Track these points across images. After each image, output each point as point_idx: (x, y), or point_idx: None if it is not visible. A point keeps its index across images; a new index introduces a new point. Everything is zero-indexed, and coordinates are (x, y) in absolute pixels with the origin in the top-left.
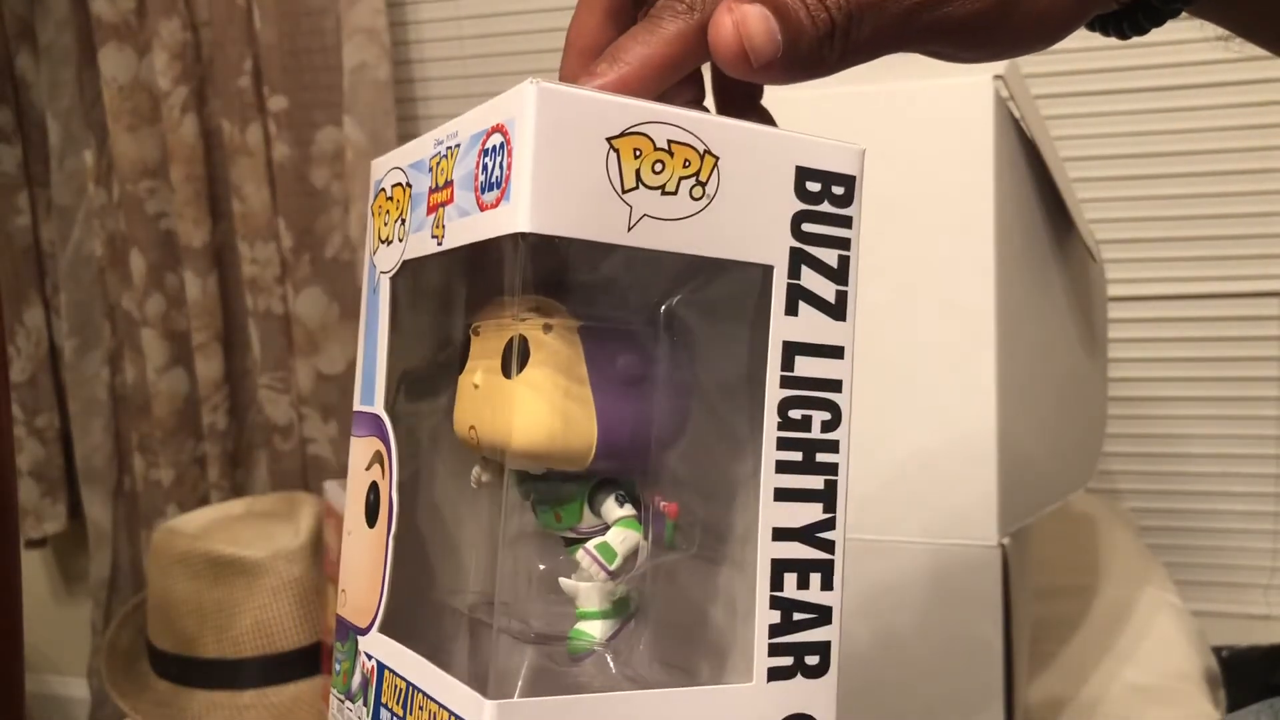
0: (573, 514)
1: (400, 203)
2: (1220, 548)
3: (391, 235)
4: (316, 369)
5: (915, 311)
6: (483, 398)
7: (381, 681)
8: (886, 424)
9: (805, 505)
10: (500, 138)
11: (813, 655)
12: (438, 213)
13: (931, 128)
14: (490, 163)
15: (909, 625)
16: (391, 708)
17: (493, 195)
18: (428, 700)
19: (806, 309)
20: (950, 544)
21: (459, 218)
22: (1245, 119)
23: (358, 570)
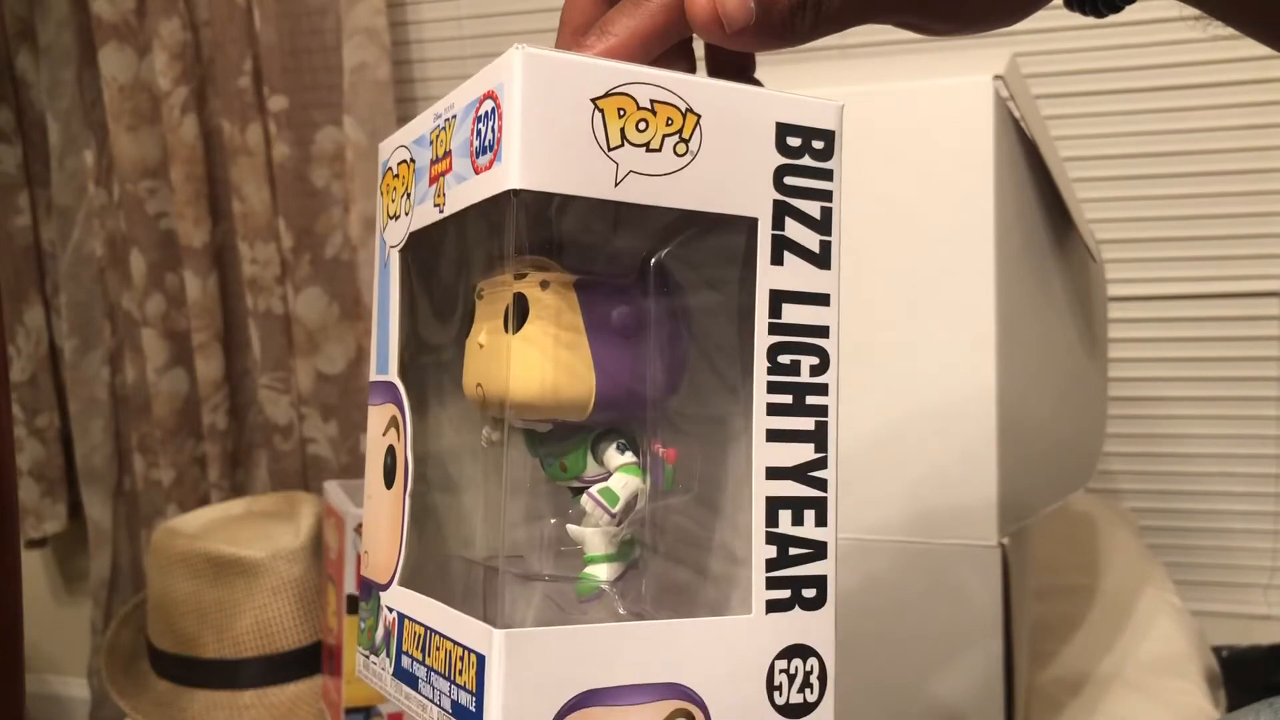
0: (577, 463)
1: (406, 179)
2: (1220, 548)
3: (399, 210)
4: (316, 369)
5: (915, 311)
6: (487, 356)
7: (402, 631)
8: (887, 424)
9: (797, 445)
10: (491, 103)
11: (809, 588)
12: (438, 182)
13: (931, 128)
14: (483, 128)
15: (909, 625)
16: (412, 654)
17: (486, 158)
18: (443, 640)
19: (792, 259)
20: (950, 544)
21: (457, 184)
22: (1245, 119)
23: (378, 531)
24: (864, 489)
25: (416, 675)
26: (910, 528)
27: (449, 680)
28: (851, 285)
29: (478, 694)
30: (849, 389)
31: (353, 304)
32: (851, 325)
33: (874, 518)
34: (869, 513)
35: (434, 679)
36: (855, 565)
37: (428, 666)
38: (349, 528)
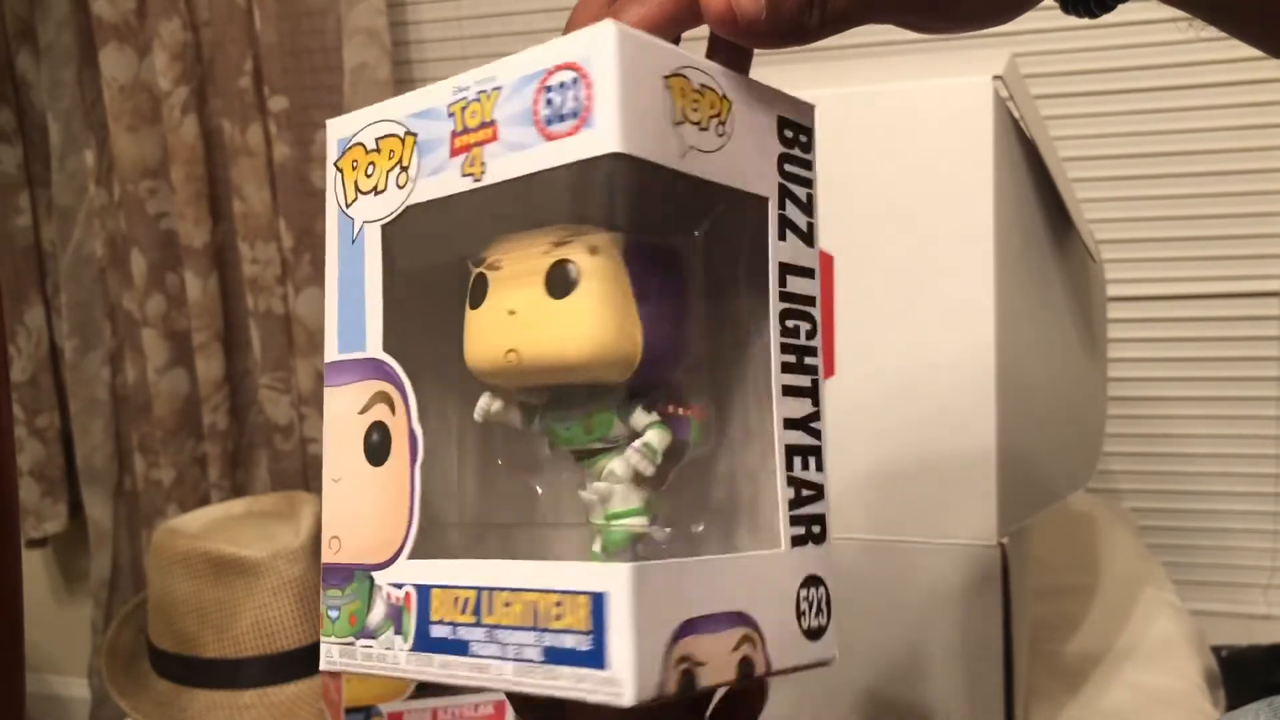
0: (605, 424)
1: (395, 153)
2: (1220, 547)
3: (382, 184)
4: (317, 369)
5: (915, 311)
6: (524, 322)
7: (427, 601)
8: (887, 424)
9: (801, 400)
10: (572, 74)
11: (816, 525)
12: (471, 152)
13: (931, 128)
14: (559, 97)
15: (909, 625)
16: (453, 620)
17: (565, 125)
18: (521, 594)
19: (790, 236)
20: (950, 544)
21: (508, 152)
22: (1245, 119)
23: (357, 513)
24: (864, 489)
25: (466, 639)
26: (910, 528)
27: (535, 630)
28: (851, 285)
29: (594, 632)
30: (849, 389)
31: None
32: (851, 324)
33: (874, 517)
34: (869, 513)
35: (503, 634)
36: (855, 565)
37: (489, 625)
38: None
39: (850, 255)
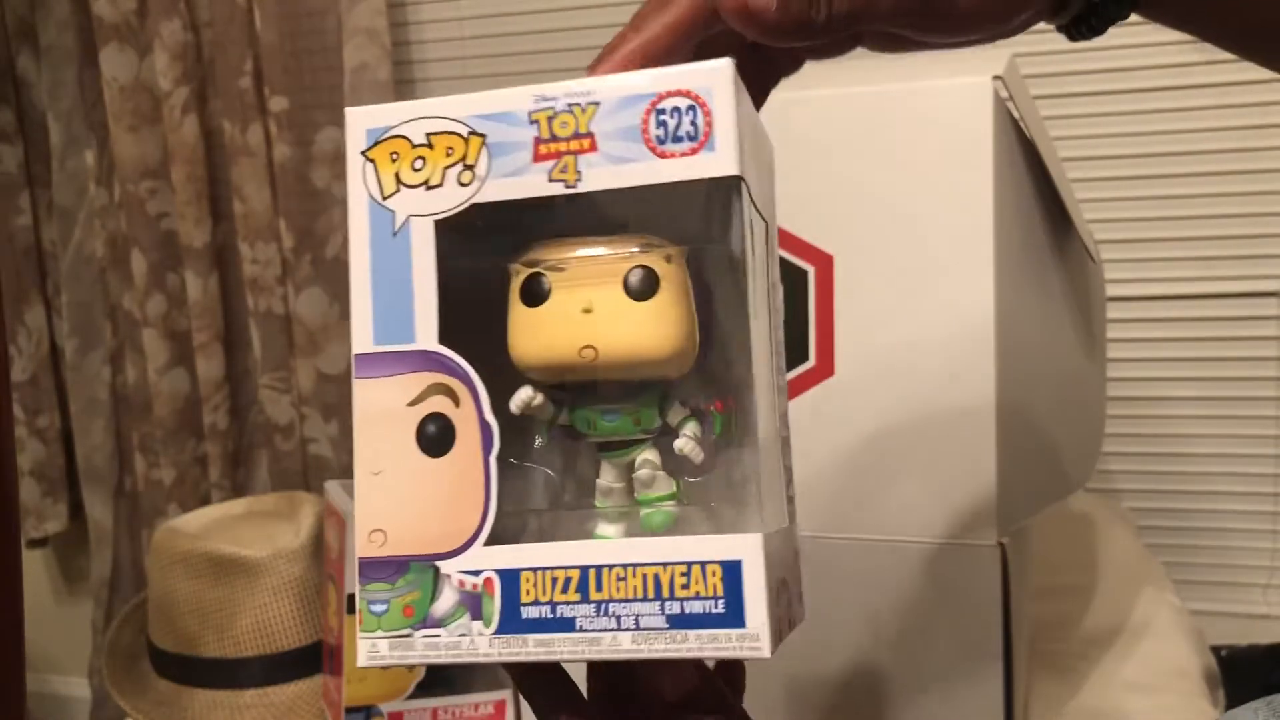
0: (650, 417)
1: (455, 150)
2: (1219, 547)
3: (437, 180)
4: (317, 369)
5: (915, 311)
6: (603, 320)
7: (516, 584)
8: (885, 423)
9: (783, 397)
10: (688, 101)
11: (792, 505)
12: (563, 160)
13: (931, 128)
14: (672, 120)
15: (909, 625)
16: (552, 600)
17: (682, 146)
18: (638, 569)
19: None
20: (950, 544)
21: (609, 164)
22: (1245, 119)
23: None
24: (863, 489)
25: (572, 615)
26: (909, 527)
27: (659, 599)
28: (851, 285)
29: (729, 597)
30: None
31: None
32: (851, 324)
33: (873, 517)
34: (868, 513)
35: (616, 607)
36: (855, 565)
37: (599, 601)
38: (349, 527)
39: (850, 255)
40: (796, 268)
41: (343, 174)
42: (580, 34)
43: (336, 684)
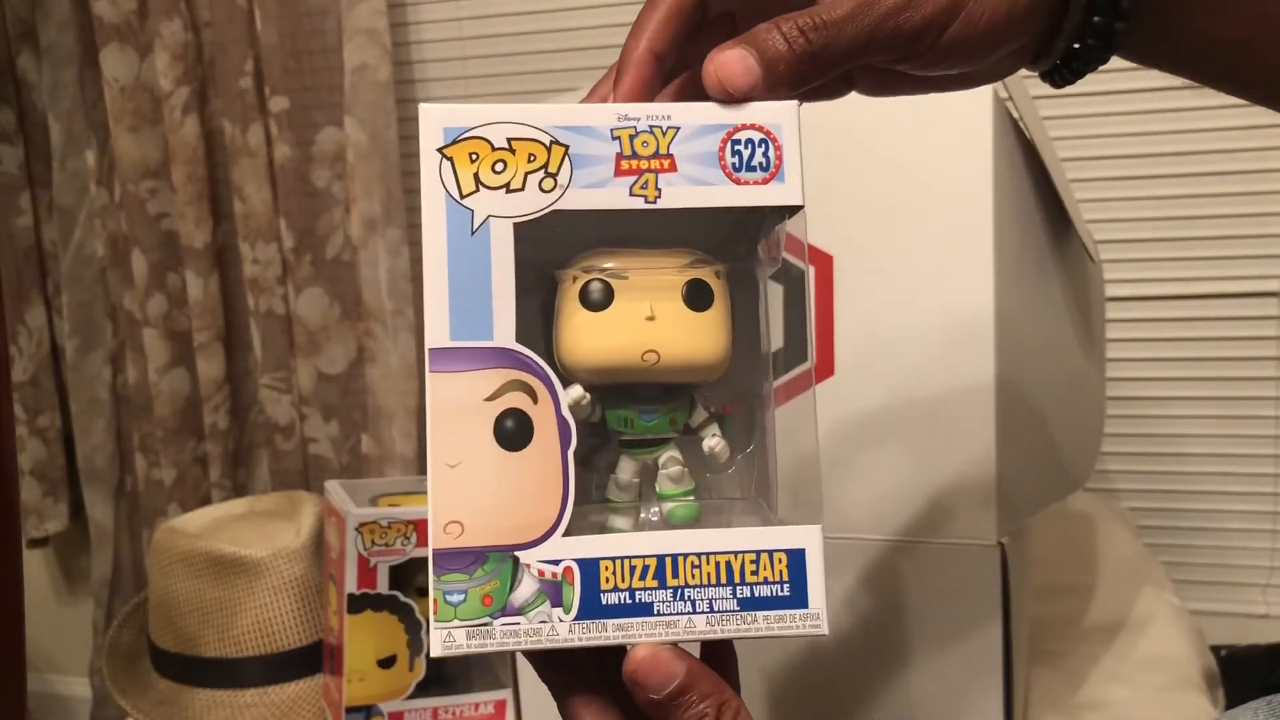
0: (682, 418)
1: (538, 157)
2: (1218, 547)
3: (518, 184)
4: (318, 369)
5: (915, 311)
6: (664, 327)
7: (595, 573)
8: (885, 423)
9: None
10: (760, 135)
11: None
12: (644, 176)
13: (931, 128)
14: (746, 150)
15: (909, 625)
16: (631, 586)
17: (757, 175)
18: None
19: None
20: (949, 543)
21: (688, 184)
22: (1244, 120)
23: (487, 497)
24: (863, 488)
25: (649, 601)
26: (909, 527)
27: (731, 584)
28: (851, 285)
29: (794, 581)
30: (849, 388)
31: (353, 304)
32: (851, 324)
33: (873, 517)
34: (868, 512)
35: (692, 592)
36: (854, 565)
37: (676, 587)
38: (350, 527)
39: (850, 255)
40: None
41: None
42: (580, 34)
43: (337, 684)
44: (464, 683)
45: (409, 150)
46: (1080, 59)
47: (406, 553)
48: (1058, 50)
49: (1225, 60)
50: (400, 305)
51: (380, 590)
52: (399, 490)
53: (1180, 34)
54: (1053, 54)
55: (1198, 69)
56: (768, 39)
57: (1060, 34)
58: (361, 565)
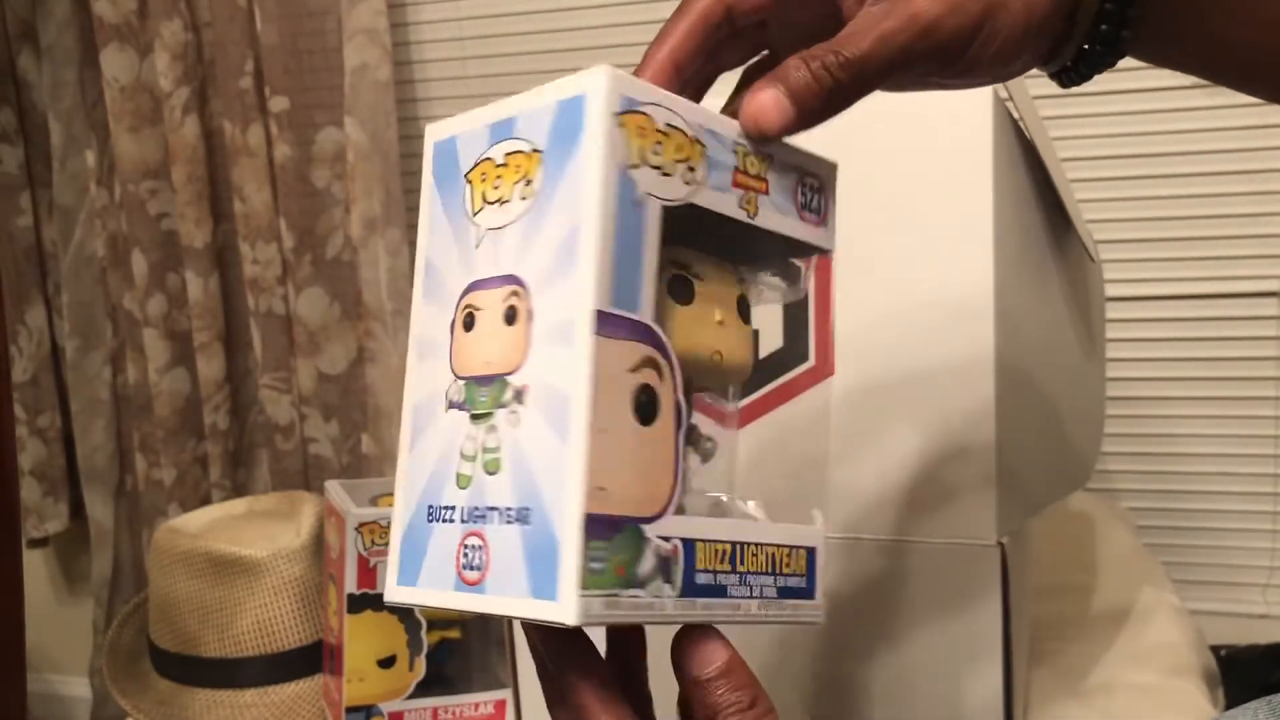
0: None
1: (683, 149)
2: (1218, 547)
3: (671, 170)
4: (318, 369)
5: (914, 311)
6: (727, 332)
7: (693, 553)
8: (885, 424)
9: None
10: (818, 183)
11: None
12: (748, 194)
13: (931, 128)
14: (809, 194)
15: (908, 625)
16: (714, 569)
17: (813, 217)
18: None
19: None
20: (949, 543)
21: (775, 211)
22: (1244, 119)
23: (624, 466)
24: (862, 488)
25: (725, 584)
26: (909, 527)
27: (774, 574)
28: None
29: (808, 575)
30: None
31: (353, 304)
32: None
33: (872, 517)
34: (867, 512)
35: (751, 579)
36: (853, 565)
37: (742, 572)
38: (350, 527)
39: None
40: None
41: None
42: (581, 34)
43: (337, 684)
44: (464, 683)
45: (409, 150)
46: (1088, 62)
47: None
48: (1068, 53)
49: (1236, 62)
50: (400, 305)
51: (380, 590)
52: None
53: (1190, 37)
54: (1063, 57)
55: (1209, 70)
56: (798, 77)
57: (1070, 39)
58: (361, 565)
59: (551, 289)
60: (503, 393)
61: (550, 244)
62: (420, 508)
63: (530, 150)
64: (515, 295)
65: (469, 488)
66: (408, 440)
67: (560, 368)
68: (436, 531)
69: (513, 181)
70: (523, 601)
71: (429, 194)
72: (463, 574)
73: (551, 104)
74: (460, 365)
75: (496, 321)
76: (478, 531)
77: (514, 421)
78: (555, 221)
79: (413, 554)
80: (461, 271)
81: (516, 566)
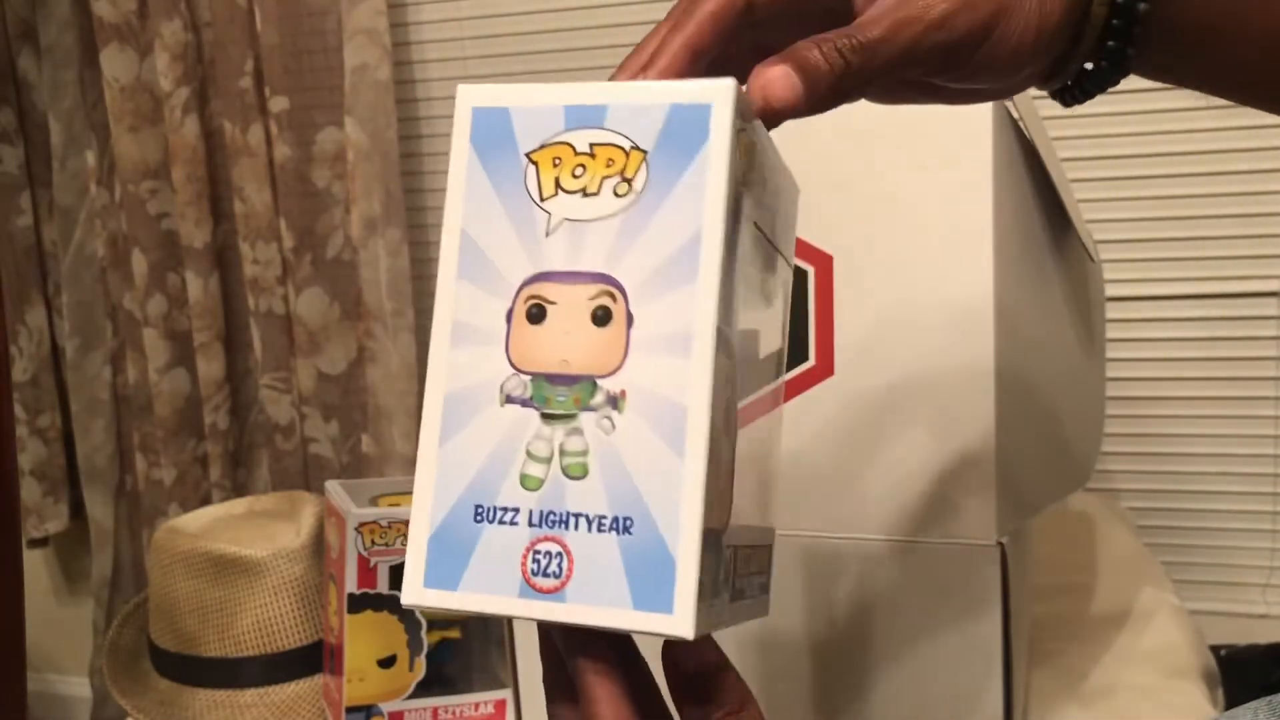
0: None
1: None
2: (1218, 547)
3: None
4: (318, 369)
5: (914, 311)
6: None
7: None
8: (885, 424)
9: None
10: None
11: None
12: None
13: (931, 127)
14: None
15: (908, 625)
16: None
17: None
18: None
19: None
20: (949, 543)
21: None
22: (1244, 120)
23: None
24: (862, 488)
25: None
26: (909, 527)
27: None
28: (851, 285)
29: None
30: (849, 388)
31: (353, 304)
32: (851, 324)
33: (872, 517)
34: (867, 512)
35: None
36: (853, 565)
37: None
38: (350, 527)
39: (850, 255)
40: (796, 268)
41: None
42: (580, 34)
43: (337, 684)
44: (464, 683)
45: (409, 150)
46: (1091, 80)
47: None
48: (1070, 71)
49: (1240, 81)
50: (400, 305)
51: (380, 590)
52: (399, 490)
53: (1194, 56)
54: (1065, 74)
55: (1211, 87)
56: (809, 57)
57: (1074, 57)
58: (361, 565)
59: (659, 297)
60: (590, 395)
61: (656, 251)
62: (462, 506)
63: (629, 148)
64: (608, 296)
65: (539, 490)
66: (437, 432)
67: (673, 379)
68: (488, 533)
69: (602, 175)
70: (621, 613)
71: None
72: (531, 580)
73: (661, 104)
74: (524, 359)
75: (579, 319)
76: (555, 537)
77: (606, 427)
78: (665, 229)
79: (448, 554)
80: (522, 256)
81: (613, 577)
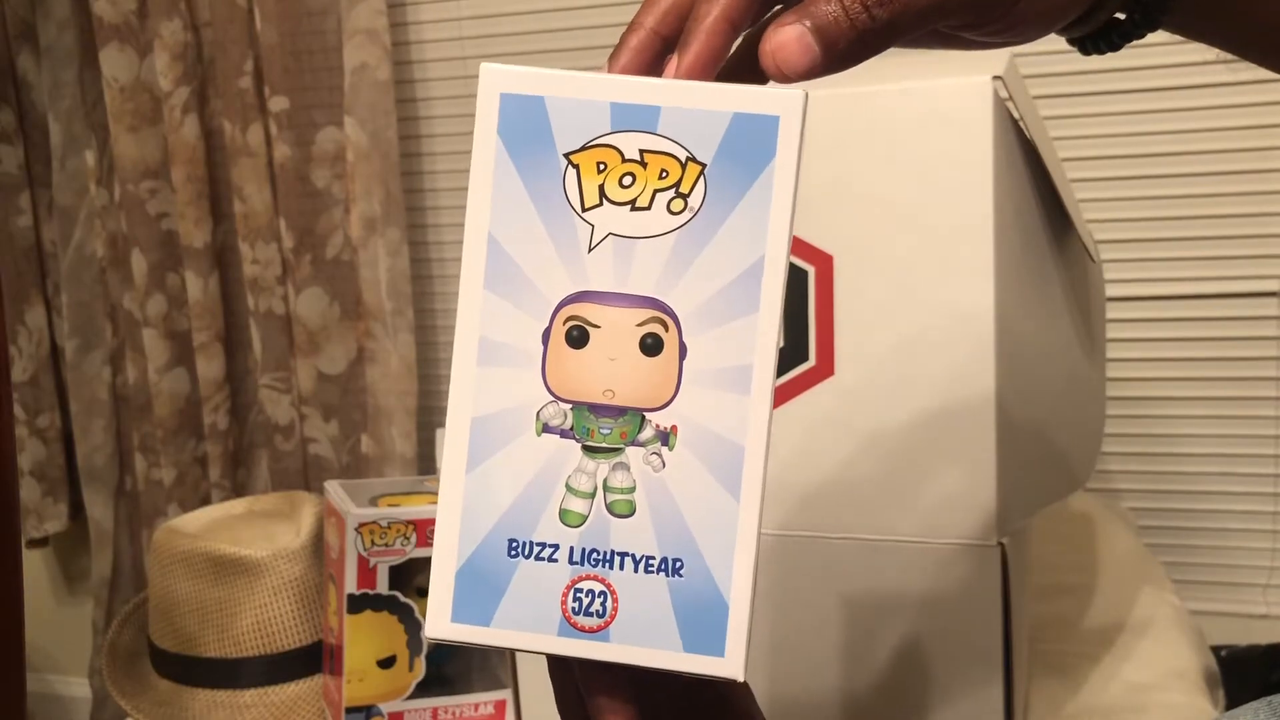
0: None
1: None
2: (1219, 547)
3: None
4: (317, 369)
5: (914, 312)
6: None
7: None
8: (885, 423)
9: None
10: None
11: None
12: None
13: (931, 128)
14: None
15: (907, 625)
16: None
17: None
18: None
19: None
20: (949, 543)
21: None
22: (1244, 119)
23: None
24: (863, 489)
25: None
26: (909, 527)
27: None
28: (851, 285)
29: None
30: (849, 389)
31: (353, 304)
32: (851, 324)
33: (872, 518)
34: (867, 513)
35: None
36: (853, 565)
37: None
38: (350, 527)
39: (850, 255)
40: (796, 268)
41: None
42: (580, 34)
43: (337, 684)
44: (464, 683)
45: (409, 150)
46: (1120, 31)
47: (406, 553)
48: (1099, 19)
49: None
50: (400, 305)
51: (380, 590)
52: (399, 490)
53: (1222, 14)
54: (1093, 22)
55: (1236, 46)
56: (828, 11)
57: (1105, 5)
58: (361, 565)
59: (716, 327)
60: (638, 429)
61: (714, 276)
62: (495, 538)
63: (685, 158)
64: (659, 324)
65: (582, 526)
66: (464, 457)
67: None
68: (524, 568)
69: (654, 187)
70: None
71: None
72: (573, 619)
73: (723, 113)
74: (564, 386)
75: (627, 347)
76: (598, 576)
77: (656, 464)
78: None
79: (478, 589)
80: (561, 271)
81: (661, 618)
